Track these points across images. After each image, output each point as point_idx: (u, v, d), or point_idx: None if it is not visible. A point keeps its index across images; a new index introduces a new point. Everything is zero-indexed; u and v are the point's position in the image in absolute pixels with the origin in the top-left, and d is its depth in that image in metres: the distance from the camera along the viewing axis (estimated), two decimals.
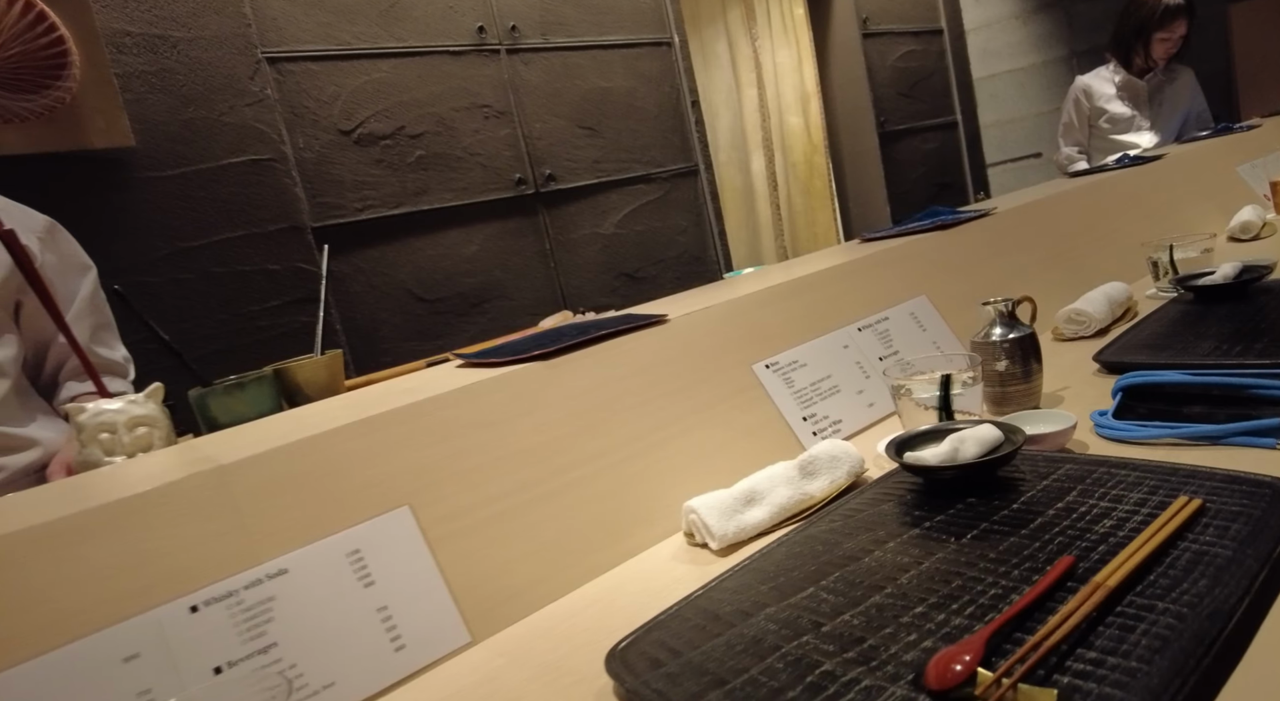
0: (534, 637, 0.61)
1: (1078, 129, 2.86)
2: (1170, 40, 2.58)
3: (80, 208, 1.83)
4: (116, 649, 0.53)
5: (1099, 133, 2.82)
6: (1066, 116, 2.88)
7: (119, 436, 0.77)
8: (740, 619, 0.54)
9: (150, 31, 1.94)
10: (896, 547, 0.60)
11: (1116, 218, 1.58)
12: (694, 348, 0.89)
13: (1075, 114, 2.84)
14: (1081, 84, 2.81)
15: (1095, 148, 2.86)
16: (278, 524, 0.61)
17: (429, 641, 0.62)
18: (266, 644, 0.57)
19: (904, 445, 0.73)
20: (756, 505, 0.71)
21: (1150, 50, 2.62)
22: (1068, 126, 2.89)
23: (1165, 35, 2.58)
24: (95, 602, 0.53)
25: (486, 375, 0.78)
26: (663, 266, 2.98)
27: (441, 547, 0.65)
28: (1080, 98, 2.81)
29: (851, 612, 0.52)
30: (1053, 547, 0.54)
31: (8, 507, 0.61)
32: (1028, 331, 0.88)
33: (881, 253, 1.18)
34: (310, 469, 0.64)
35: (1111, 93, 2.76)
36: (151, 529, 0.57)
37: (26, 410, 1.06)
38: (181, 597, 0.56)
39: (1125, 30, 2.65)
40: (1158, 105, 2.73)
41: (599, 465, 0.75)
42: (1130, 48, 2.66)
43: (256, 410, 0.83)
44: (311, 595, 0.60)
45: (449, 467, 0.69)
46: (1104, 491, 0.60)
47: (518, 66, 2.60)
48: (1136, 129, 2.75)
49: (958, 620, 0.48)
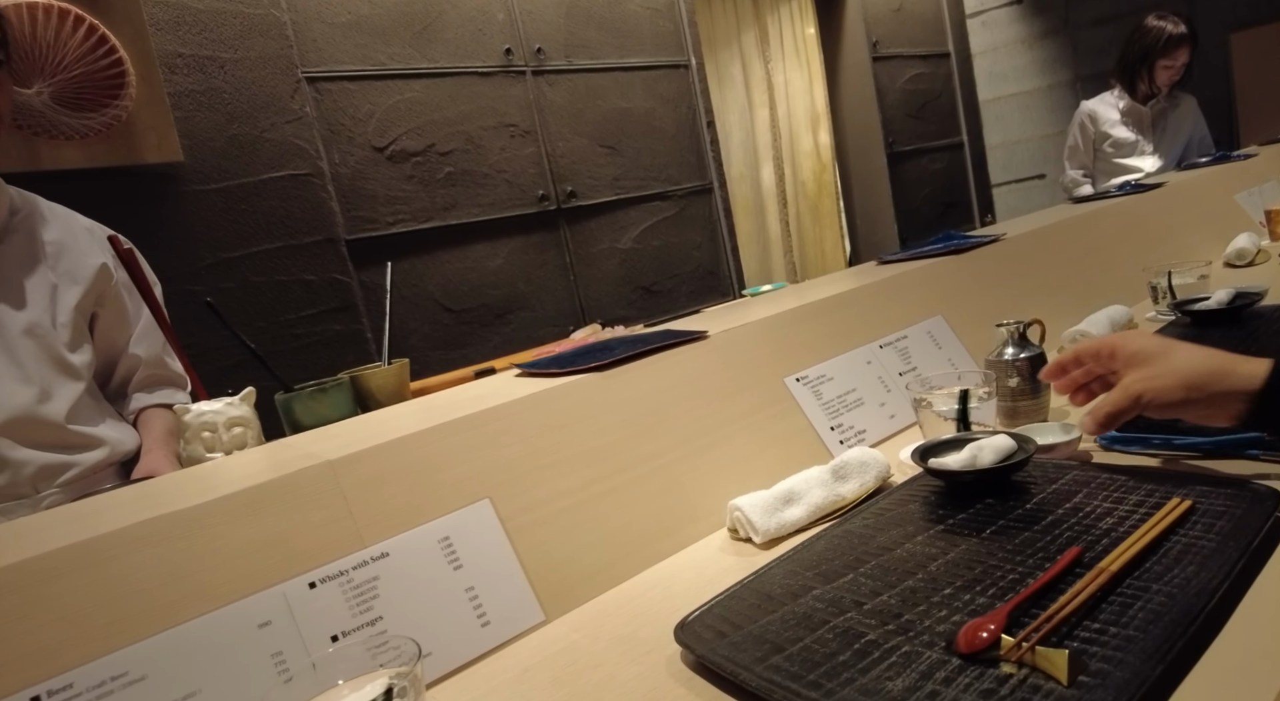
0: (604, 615, 0.70)
1: (1082, 152, 2.96)
2: (1173, 68, 2.68)
3: (133, 219, 1.93)
4: (253, 617, 0.61)
5: (1103, 156, 2.91)
6: (1072, 140, 2.98)
7: (219, 435, 0.86)
8: (790, 599, 0.62)
9: (201, 53, 2.04)
10: (924, 541, 0.68)
11: (1119, 243, 1.67)
12: (732, 361, 0.98)
13: (1080, 138, 2.94)
14: (1086, 109, 2.91)
15: (1099, 171, 2.96)
16: (379, 512, 0.69)
17: (510, 618, 0.70)
18: (374, 617, 0.65)
19: (927, 452, 0.81)
20: (794, 504, 0.80)
21: (1154, 77, 2.71)
22: (1073, 150, 2.99)
23: (1168, 63, 2.68)
24: (234, 577, 0.62)
25: (550, 384, 0.86)
26: (678, 280, 3.08)
27: (518, 536, 0.74)
28: (1085, 122, 2.91)
29: (888, 593, 0.60)
30: (1062, 541, 0.62)
31: (159, 493, 0.70)
32: (1038, 351, 0.97)
33: (900, 275, 1.27)
34: (406, 465, 0.72)
35: (1116, 118, 2.85)
36: (276, 514, 0.65)
37: (98, 412, 1.14)
38: (302, 575, 0.64)
39: (1130, 57, 2.75)
40: (1160, 131, 2.83)
41: (652, 466, 0.84)
42: (1135, 74, 2.75)
43: (337, 413, 0.91)
44: (410, 575, 0.68)
45: (523, 466, 0.77)
46: (1107, 494, 0.69)
47: (543, 87, 2.70)
48: (1139, 154, 2.85)
49: (981, 599, 0.56)
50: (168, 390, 1.19)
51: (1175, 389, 0.68)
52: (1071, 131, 2.98)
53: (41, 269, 1.02)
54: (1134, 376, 0.71)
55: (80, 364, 1.09)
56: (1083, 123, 2.92)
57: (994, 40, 4.35)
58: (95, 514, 0.67)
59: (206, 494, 0.65)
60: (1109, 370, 0.76)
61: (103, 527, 0.60)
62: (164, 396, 1.17)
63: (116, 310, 1.12)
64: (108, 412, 1.17)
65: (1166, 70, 2.69)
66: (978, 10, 4.36)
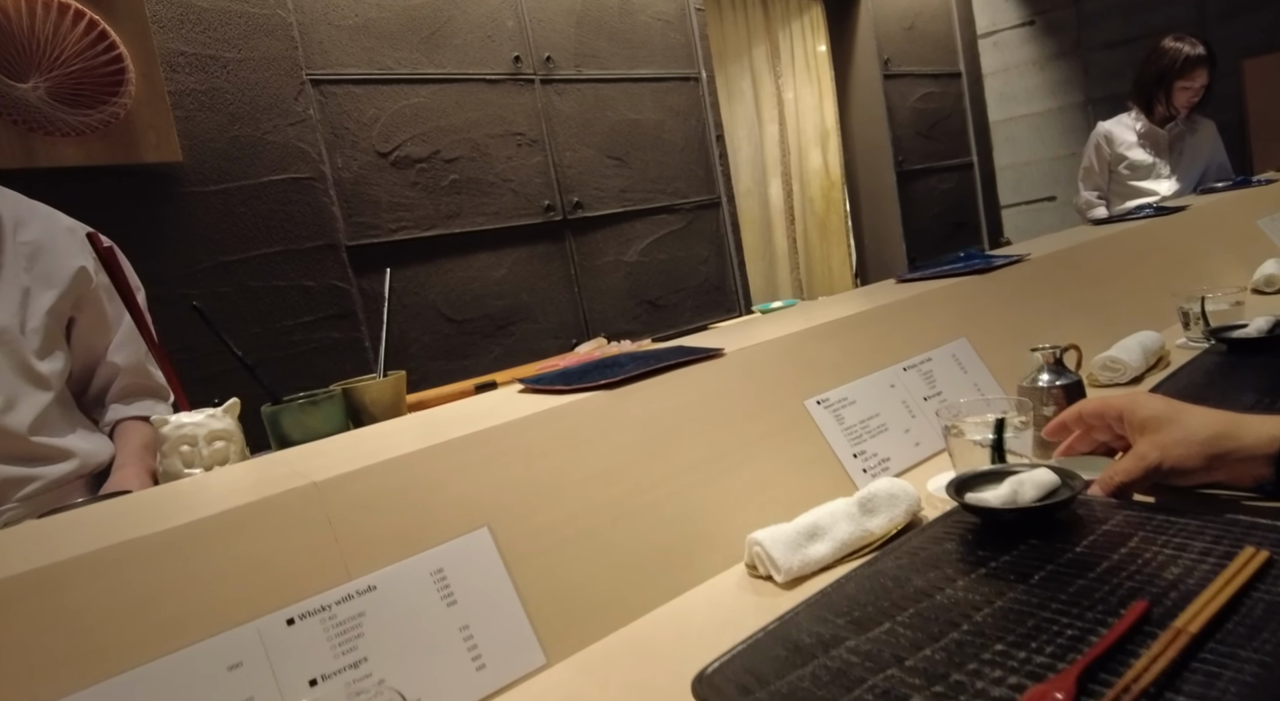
0: (613, 659, 0.63)
1: (1098, 174, 2.92)
2: (1191, 89, 2.64)
3: (128, 220, 1.87)
4: (222, 657, 0.55)
5: (1118, 179, 2.87)
6: (1087, 161, 2.94)
7: (198, 449, 0.80)
8: (821, 651, 0.56)
9: (204, 52, 2.00)
10: (966, 586, 0.62)
11: (1142, 266, 1.62)
12: (749, 381, 0.92)
13: (1096, 159, 2.90)
14: (1103, 130, 2.87)
15: (1114, 193, 2.91)
16: (368, 541, 0.63)
17: (508, 661, 0.63)
18: (358, 658, 0.59)
19: (963, 486, 0.75)
20: (819, 540, 0.74)
21: (1172, 99, 2.68)
22: (1088, 171, 2.95)
23: (1186, 84, 2.64)
24: (202, 610, 0.56)
25: (556, 402, 0.80)
26: (684, 295, 3.03)
27: (518, 567, 0.68)
28: (1101, 143, 2.87)
29: (932, 647, 0.54)
30: (1123, 591, 0.56)
31: (123, 512, 0.64)
32: (1075, 379, 0.91)
33: (922, 294, 1.21)
34: (399, 487, 0.66)
35: (1133, 140, 2.81)
36: (254, 540, 0.59)
37: (68, 422, 1.08)
38: (279, 610, 0.58)
39: (1147, 78, 2.72)
40: (1178, 154, 2.79)
41: (663, 491, 0.78)
42: (1152, 96, 2.72)
43: (328, 427, 0.85)
44: (399, 612, 0.62)
45: (526, 490, 0.71)
46: (1166, 539, 0.63)
47: (551, 96, 2.66)
48: (1156, 176, 2.81)
49: (1040, 658, 0.50)
50: (148, 401, 1.13)
51: (1195, 457, 0.65)
52: (1087, 152, 2.94)
53: (13, 271, 0.96)
54: (1148, 444, 0.67)
55: (49, 372, 1.03)
56: (1099, 144, 2.88)
57: (1005, 61, 4.32)
58: (53, 534, 0.60)
59: (179, 516, 0.59)
60: (1114, 436, 0.73)
61: (60, 552, 0.54)
62: (143, 408, 1.11)
63: (95, 314, 1.06)
64: (79, 422, 1.11)
65: (1184, 92, 2.65)
66: (989, 31, 4.35)
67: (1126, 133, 2.82)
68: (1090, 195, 2.96)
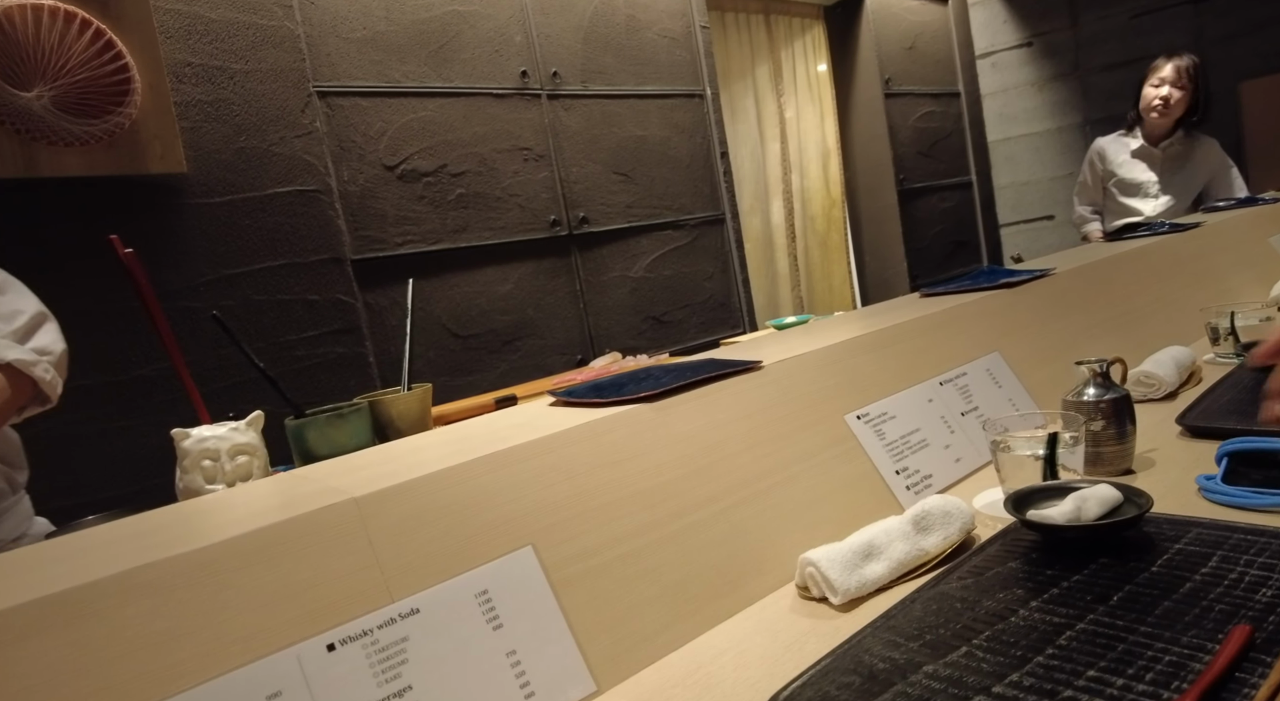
0: (667, 687, 0.60)
1: (1091, 189, 2.93)
2: (1156, 90, 2.63)
3: (132, 230, 1.84)
4: (261, 686, 0.51)
5: (1110, 195, 2.88)
6: (1082, 176, 2.96)
7: (221, 464, 0.76)
8: (899, 677, 0.53)
9: (210, 63, 1.97)
10: (1040, 607, 0.59)
11: (1164, 282, 1.61)
12: (790, 395, 0.89)
13: (1090, 174, 2.92)
14: (1098, 146, 2.89)
15: (1108, 209, 2.92)
16: (410, 561, 0.60)
17: (557, 689, 0.60)
18: (401, 687, 0.55)
19: (1021, 502, 0.73)
20: (875, 560, 0.71)
21: (1139, 102, 2.69)
22: (1082, 186, 2.97)
23: (1152, 83, 2.64)
24: (239, 635, 0.52)
25: (595, 415, 0.77)
26: (689, 311, 3.00)
27: (565, 590, 0.64)
28: (1095, 159, 2.89)
29: (1018, 674, 0.51)
30: (1216, 614, 0.53)
31: (151, 530, 0.60)
32: (1123, 393, 0.89)
33: (952, 308, 1.19)
34: (440, 504, 0.63)
35: (1125, 157, 2.82)
36: (291, 560, 0.56)
37: None
38: (319, 635, 0.54)
39: (1136, 95, 2.73)
40: (1171, 173, 2.79)
41: (711, 510, 0.75)
42: (1138, 111, 2.73)
43: (354, 442, 0.82)
44: (443, 637, 0.58)
45: (571, 508, 0.68)
46: (1249, 558, 0.60)
47: (558, 112, 2.65)
48: (1144, 195, 2.81)
49: (1140, 686, 0.47)
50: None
51: None
52: (1083, 168, 2.96)
53: None
54: None
55: None
56: (1092, 160, 2.90)
57: (1004, 82, 4.36)
58: (77, 554, 0.57)
59: (211, 534, 0.55)
60: None
61: (88, 574, 0.51)
62: None
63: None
64: None
65: (1152, 91, 2.64)
66: (988, 51, 4.39)
67: (1120, 150, 2.83)
68: (1084, 210, 2.97)
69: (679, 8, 3.04)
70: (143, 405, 1.85)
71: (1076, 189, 3.00)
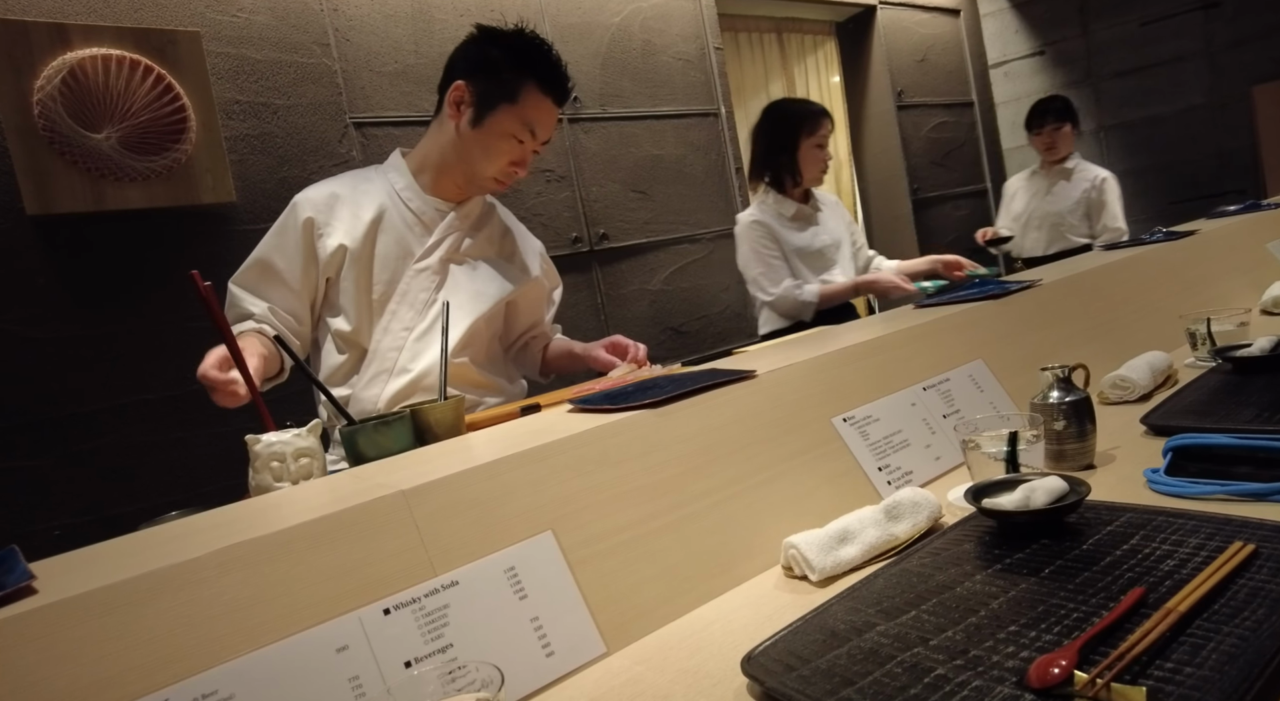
0: (667, 648, 0.71)
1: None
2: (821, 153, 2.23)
3: (187, 257, 2.00)
4: (331, 641, 0.63)
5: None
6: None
7: (286, 465, 0.89)
8: (855, 634, 0.63)
9: (256, 100, 2.13)
10: (984, 579, 0.69)
11: (1152, 290, 1.68)
12: (781, 401, 1.00)
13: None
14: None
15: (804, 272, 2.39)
16: (450, 542, 0.72)
17: (574, 649, 0.71)
18: (444, 644, 0.67)
19: (980, 493, 0.83)
20: (849, 543, 0.81)
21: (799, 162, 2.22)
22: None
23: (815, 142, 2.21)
24: (314, 601, 0.64)
25: (605, 420, 0.89)
26: (706, 322, 3.11)
27: (579, 569, 0.75)
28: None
29: (953, 629, 0.61)
30: (1123, 581, 0.63)
31: (240, 518, 0.73)
32: (1083, 395, 0.98)
33: (940, 319, 1.29)
34: (475, 496, 0.75)
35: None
36: (353, 541, 0.68)
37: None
38: (377, 601, 0.66)
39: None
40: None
41: (706, 503, 0.86)
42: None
43: (398, 446, 0.94)
44: (478, 604, 0.70)
45: (583, 500, 0.79)
46: (1164, 536, 0.69)
47: (578, 134, 2.78)
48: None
49: (1048, 636, 0.57)
50: None
51: None
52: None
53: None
54: None
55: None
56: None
57: (1017, 91, 4.42)
58: (184, 537, 0.69)
59: (286, 520, 0.67)
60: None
61: (192, 551, 0.63)
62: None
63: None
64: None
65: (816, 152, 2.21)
66: (1000, 61, 4.45)
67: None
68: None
69: (693, 30, 3.16)
70: (195, 418, 2.00)
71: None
